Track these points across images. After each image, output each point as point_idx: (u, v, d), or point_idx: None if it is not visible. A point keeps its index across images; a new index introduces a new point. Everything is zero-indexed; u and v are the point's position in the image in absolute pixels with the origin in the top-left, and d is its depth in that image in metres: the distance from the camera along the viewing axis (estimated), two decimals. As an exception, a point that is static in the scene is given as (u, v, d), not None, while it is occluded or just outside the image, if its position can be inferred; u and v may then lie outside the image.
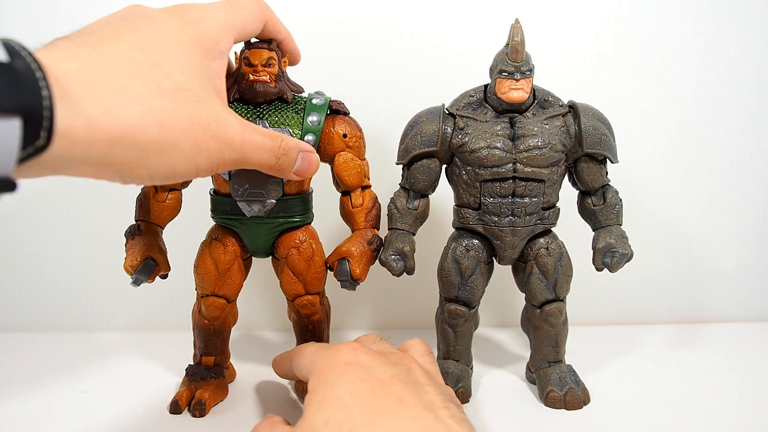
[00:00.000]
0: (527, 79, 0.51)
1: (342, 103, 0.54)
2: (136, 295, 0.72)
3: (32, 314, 0.74)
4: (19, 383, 0.59)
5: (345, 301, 0.68)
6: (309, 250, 0.54)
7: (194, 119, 0.36)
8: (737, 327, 0.73)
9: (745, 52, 0.71)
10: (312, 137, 0.52)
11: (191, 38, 0.38)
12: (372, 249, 0.53)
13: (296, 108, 0.52)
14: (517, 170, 0.51)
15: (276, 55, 0.50)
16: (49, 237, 0.72)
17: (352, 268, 0.52)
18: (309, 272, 0.54)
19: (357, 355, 0.40)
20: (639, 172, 0.73)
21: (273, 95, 0.51)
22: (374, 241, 0.54)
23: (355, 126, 0.54)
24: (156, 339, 0.70)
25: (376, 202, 0.55)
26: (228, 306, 0.54)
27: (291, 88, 0.53)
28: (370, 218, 0.55)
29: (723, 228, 0.75)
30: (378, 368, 0.38)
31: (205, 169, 0.38)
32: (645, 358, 0.64)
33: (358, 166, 0.54)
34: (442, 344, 0.57)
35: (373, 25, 0.69)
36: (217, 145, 0.37)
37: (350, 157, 0.54)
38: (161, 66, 0.35)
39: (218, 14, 0.41)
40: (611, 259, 0.52)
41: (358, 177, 0.54)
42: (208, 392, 0.53)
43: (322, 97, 0.53)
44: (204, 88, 0.37)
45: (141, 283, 0.51)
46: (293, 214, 0.54)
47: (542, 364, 0.56)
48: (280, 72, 0.51)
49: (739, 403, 0.54)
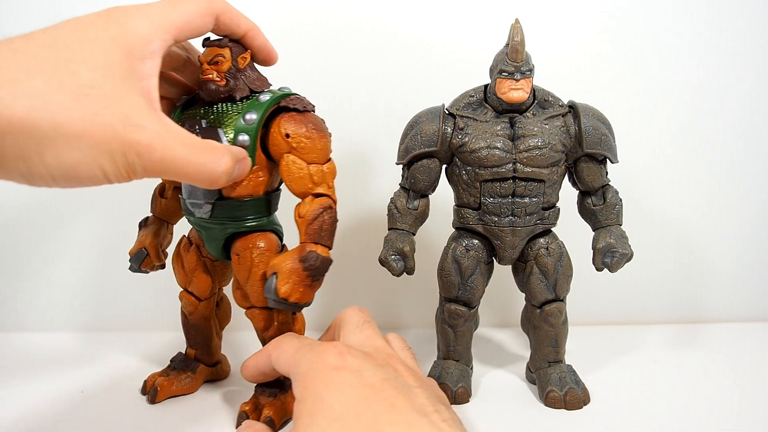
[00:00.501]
0: (527, 79, 0.51)
1: (301, 99, 0.49)
2: (136, 295, 0.72)
3: (32, 314, 0.74)
4: (19, 383, 0.59)
5: (345, 301, 0.68)
6: (248, 259, 0.49)
7: (95, 118, 0.34)
8: (737, 327, 0.73)
9: (745, 51, 0.71)
10: (245, 137, 0.46)
11: (113, 38, 0.37)
12: (305, 267, 0.45)
13: (241, 107, 0.48)
14: (517, 170, 0.51)
15: (229, 51, 0.47)
16: (49, 237, 0.72)
17: (278, 285, 0.45)
18: (249, 284, 0.49)
19: (344, 358, 0.38)
20: (639, 172, 0.73)
21: (221, 94, 0.47)
22: (310, 258, 0.46)
23: (303, 124, 0.47)
24: (156, 339, 0.70)
25: (324, 212, 0.47)
26: (201, 304, 0.54)
27: (250, 86, 0.48)
28: (311, 231, 0.47)
29: (723, 228, 0.75)
30: (367, 372, 0.37)
31: (114, 173, 0.35)
32: (645, 358, 0.64)
33: (299, 171, 0.47)
34: (442, 344, 0.57)
35: (373, 25, 0.69)
36: (122, 147, 0.35)
37: (292, 159, 0.47)
38: (69, 64, 0.34)
39: (152, 13, 0.39)
40: (611, 259, 0.52)
41: (300, 183, 0.47)
42: (169, 381, 0.55)
43: (274, 93, 0.48)
44: (117, 88, 0.36)
45: (135, 270, 0.56)
46: (242, 218, 0.49)
47: (542, 364, 0.56)
48: (234, 69, 0.47)
49: (739, 403, 0.54)
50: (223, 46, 0.47)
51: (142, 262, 0.55)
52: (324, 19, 0.69)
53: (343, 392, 0.36)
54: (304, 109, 0.48)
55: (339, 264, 0.73)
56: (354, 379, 0.37)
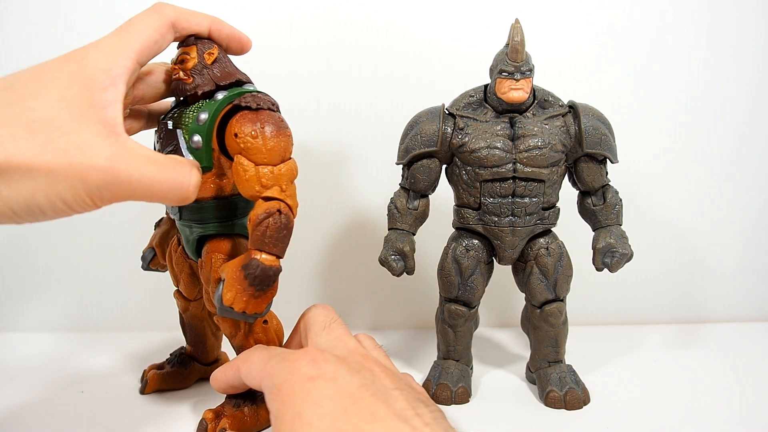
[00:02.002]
0: (527, 79, 0.51)
1: (256, 96, 0.45)
2: (136, 295, 0.72)
3: (32, 314, 0.74)
4: (19, 383, 0.59)
5: (345, 301, 0.68)
6: (208, 264, 0.47)
7: (48, 146, 0.34)
8: (737, 327, 0.73)
9: (745, 52, 0.71)
10: (198, 138, 0.45)
11: (71, 74, 0.37)
12: (245, 275, 0.43)
13: (200, 107, 0.46)
14: (517, 170, 0.51)
15: (195, 49, 0.46)
16: (49, 237, 0.72)
17: (223, 292, 0.43)
18: (210, 289, 0.48)
19: (318, 365, 0.37)
20: (639, 172, 0.73)
21: (188, 91, 0.46)
22: (251, 266, 0.42)
23: (252, 123, 0.44)
24: (156, 339, 0.70)
25: (269, 217, 0.43)
26: (190, 305, 0.55)
27: (215, 80, 0.46)
28: (254, 238, 0.43)
29: (723, 228, 0.75)
30: (343, 379, 0.36)
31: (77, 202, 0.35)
32: (645, 358, 0.64)
33: (245, 172, 0.44)
34: (442, 344, 0.57)
35: (373, 25, 0.69)
36: (79, 173, 0.34)
37: (239, 161, 0.44)
38: (25, 101, 0.35)
39: (107, 44, 0.40)
40: (611, 259, 0.52)
41: (246, 186, 0.44)
42: (159, 376, 0.56)
43: (230, 92, 0.46)
44: (75, 119, 0.36)
45: (145, 269, 0.57)
46: (206, 221, 0.48)
47: (542, 364, 0.56)
48: (201, 66, 0.46)
49: (739, 403, 0.54)
50: (189, 44, 0.47)
51: (150, 261, 0.57)
52: (323, 19, 0.69)
53: (321, 406, 0.35)
54: (258, 107, 0.45)
55: (339, 264, 0.73)
56: (331, 390, 0.35)
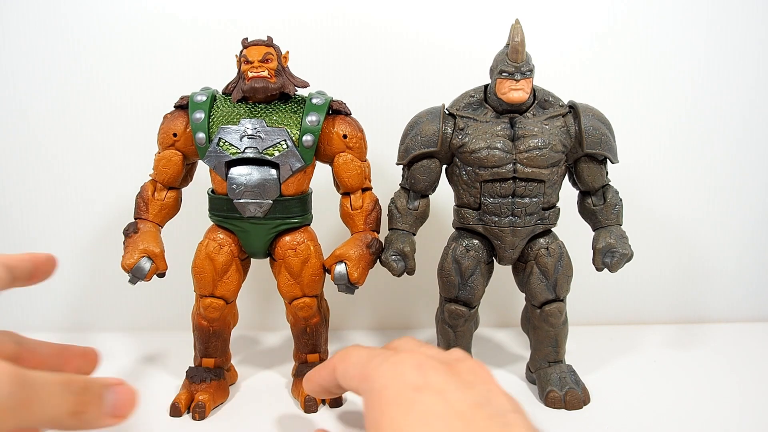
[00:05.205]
0: (527, 80, 0.51)
1: (343, 104, 0.54)
2: (136, 295, 0.72)
3: (32, 314, 0.74)
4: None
5: (345, 301, 0.68)
6: (306, 251, 0.53)
7: None
8: (737, 327, 0.73)
9: (745, 52, 0.71)
10: (310, 137, 0.52)
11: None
12: (371, 252, 0.52)
13: (295, 108, 0.52)
14: (517, 170, 0.51)
15: (275, 50, 0.50)
16: (49, 237, 0.72)
17: (350, 271, 0.51)
18: (305, 274, 0.53)
19: (425, 374, 0.32)
20: (639, 172, 0.73)
21: (273, 90, 0.51)
22: (373, 244, 0.53)
23: (356, 127, 0.54)
24: (156, 339, 0.70)
25: (376, 204, 0.55)
26: (227, 307, 0.54)
27: (294, 83, 0.52)
28: (370, 221, 0.54)
29: (723, 228, 0.75)
30: (453, 394, 0.31)
31: None
32: (645, 358, 0.64)
33: (358, 168, 0.54)
34: (442, 344, 0.57)
35: (374, 25, 0.69)
36: None
37: (350, 158, 0.54)
38: None
39: None
40: (611, 259, 0.52)
41: (358, 179, 0.54)
42: (208, 394, 0.53)
43: (323, 97, 0.53)
44: None
45: (137, 282, 0.50)
46: (291, 215, 0.53)
47: (542, 364, 0.56)
48: (280, 67, 0.51)
49: (739, 403, 0.54)
50: (270, 45, 0.50)
51: (147, 273, 0.50)
52: (324, 19, 0.69)
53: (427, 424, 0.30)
54: (348, 112, 0.54)
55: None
56: (439, 405, 0.30)
